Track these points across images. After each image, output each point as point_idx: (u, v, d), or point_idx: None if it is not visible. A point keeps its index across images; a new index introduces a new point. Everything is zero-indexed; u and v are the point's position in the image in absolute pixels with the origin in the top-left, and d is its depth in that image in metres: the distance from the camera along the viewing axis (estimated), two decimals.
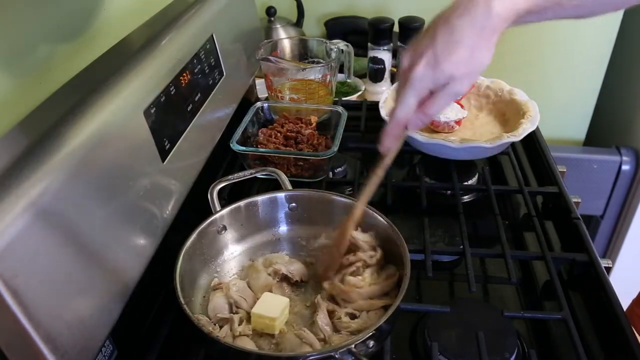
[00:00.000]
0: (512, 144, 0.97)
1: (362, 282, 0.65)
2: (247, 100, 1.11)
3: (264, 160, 0.91)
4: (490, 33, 0.52)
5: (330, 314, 0.62)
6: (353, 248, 0.70)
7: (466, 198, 0.91)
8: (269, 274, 0.67)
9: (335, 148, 0.87)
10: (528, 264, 0.77)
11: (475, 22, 0.51)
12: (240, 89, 1.04)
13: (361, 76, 1.33)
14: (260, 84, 1.16)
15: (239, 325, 0.60)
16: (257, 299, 0.63)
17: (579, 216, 0.81)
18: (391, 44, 1.25)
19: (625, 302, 0.67)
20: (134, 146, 0.62)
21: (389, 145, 0.61)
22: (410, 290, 0.58)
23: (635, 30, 1.42)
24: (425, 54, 0.53)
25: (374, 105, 1.01)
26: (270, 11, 1.33)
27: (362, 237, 0.71)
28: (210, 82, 0.86)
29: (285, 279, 0.68)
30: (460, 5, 0.52)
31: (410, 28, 1.20)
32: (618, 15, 1.37)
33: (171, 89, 0.72)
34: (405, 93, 0.55)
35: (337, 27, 1.42)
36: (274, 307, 0.61)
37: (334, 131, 0.94)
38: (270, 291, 0.65)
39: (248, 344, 0.58)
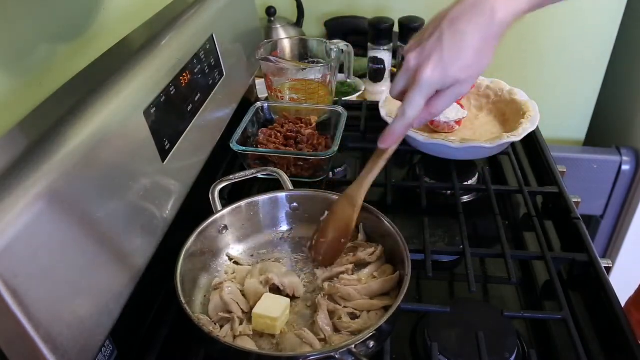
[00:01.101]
0: (512, 144, 0.97)
1: (357, 281, 0.65)
2: (247, 100, 1.11)
3: (264, 160, 0.91)
4: (493, 38, 0.54)
5: (331, 314, 0.62)
6: (351, 249, 0.70)
7: (466, 198, 0.91)
8: (260, 282, 0.65)
9: (335, 148, 0.87)
10: (528, 264, 0.77)
11: (480, 29, 0.53)
12: (240, 89, 1.04)
13: (361, 76, 1.33)
14: (260, 84, 1.16)
15: (239, 325, 0.60)
16: (249, 302, 0.63)
17: (579, 216, 0.81)
18: (391, 44, 1.25)
19: (625, 302, 0.67)
20: (134, 146, 0.62)
21: (393, 143, 0.62)
22: (410, 290, 0.58)
23: (635, 30, 1.42)
24: (433, 57, 0.54)
25: (374, 105, 1.02)
26: (270, 11, 1.33)
27: (360, 237, 0.71)
28: (210, 82, 0.86)
29: (277, 289, 0.65)
30: (465, 9, 0.54)
31: (410, 28, 1.20)
32: (618, 15, 1.37)
33: (171, 89, 0.72)
34: (414, 93, 0.56)
35: (337, 27, 1.42)
36: (275, 307, 0.61)
37: (334, 131, 0.94)
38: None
39: (248, 344, 0.58)
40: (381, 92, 1.26)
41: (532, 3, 0.54)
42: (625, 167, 1.40)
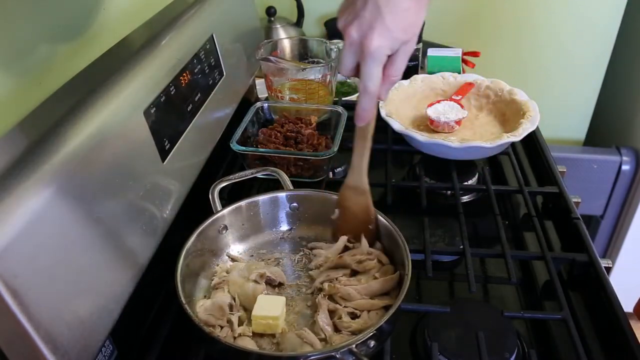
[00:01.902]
0: (512, 144, 0.97)
1: (357, 281, 0.65)
2: (247, 100, 1.11)
3: (264, 160, 0.91)
4: None
5: (331, 313, 0.62)
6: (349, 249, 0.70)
7: (466, 198, 0.91)
8: (255, 280, 0.65)
9: (335, 148, 0.87)
10: (528, 264, 0.77)
11: None
12: (240, 89, 1.04)
13: None
14: (260, 84, 1.16)
15: (239, 325, 0.60)
16: (249, 305, 0.62)
17: (579, 216, 0.81)
18: None
19: (625, 302, 0.67)
20: (134, 146, 0.62)
21: (369, 118, 0.62)
22: (410, 290, 0.58)
23: (635, 30, 1.42)
24: (376, 25, 0.55)
25: None
26: (270, 11, 1.33)
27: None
28: (210, 82, 0.86)
29: (268, 282, 0.66)
30: None
31: None
32: (618, 15, 1.37)
33: (171, 89, 0.72)
34: (368, 65, 0.56)
35: (337, 27, 1.42)
36: (273, 306, 0.61)
37: (334, 131, 0.94)
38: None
39: (249, 344, 0.58)
40: None
41: None
42: (625, 167, 1.41)
